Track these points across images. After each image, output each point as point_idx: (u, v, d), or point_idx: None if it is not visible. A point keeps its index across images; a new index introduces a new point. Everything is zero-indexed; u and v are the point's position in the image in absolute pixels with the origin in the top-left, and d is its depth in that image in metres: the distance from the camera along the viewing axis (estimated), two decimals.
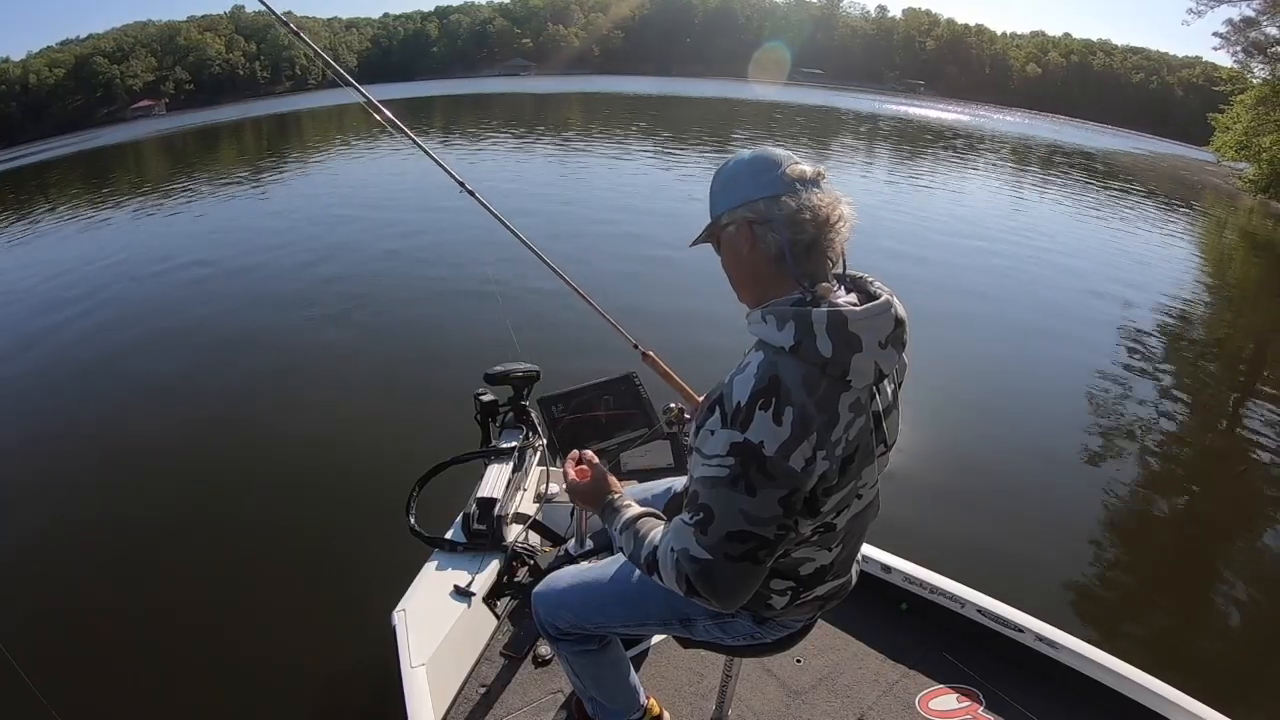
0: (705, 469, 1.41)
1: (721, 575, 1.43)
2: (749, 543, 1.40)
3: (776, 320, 1.40)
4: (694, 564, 1.43)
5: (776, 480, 1.35)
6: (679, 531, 1.48)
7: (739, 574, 1.44)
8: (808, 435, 1.35)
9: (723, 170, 1.55)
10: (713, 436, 1.39)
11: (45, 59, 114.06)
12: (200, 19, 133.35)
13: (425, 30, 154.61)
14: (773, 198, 1.43)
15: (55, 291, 10.54)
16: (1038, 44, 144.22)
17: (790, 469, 1.35)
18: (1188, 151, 60.16)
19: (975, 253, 12.44)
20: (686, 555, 1.44)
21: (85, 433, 6.11)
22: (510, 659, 2.74)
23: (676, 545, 1.47)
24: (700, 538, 1.42)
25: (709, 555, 1.41)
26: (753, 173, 1.48)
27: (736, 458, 1.35)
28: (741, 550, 1.40)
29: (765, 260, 1.47)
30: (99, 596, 4.14)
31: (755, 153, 1.51)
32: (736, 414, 1.36)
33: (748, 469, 1.35)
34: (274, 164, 25.60)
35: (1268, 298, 13.27)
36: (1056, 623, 2.57)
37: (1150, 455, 6.04)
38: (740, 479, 1.35)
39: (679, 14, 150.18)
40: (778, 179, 1.44)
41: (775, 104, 56.56)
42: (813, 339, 1.36)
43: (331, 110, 52.85)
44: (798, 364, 1.37)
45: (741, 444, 1.34)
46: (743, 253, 1.50)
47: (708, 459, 1.40)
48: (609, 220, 13.22)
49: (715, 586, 1.44)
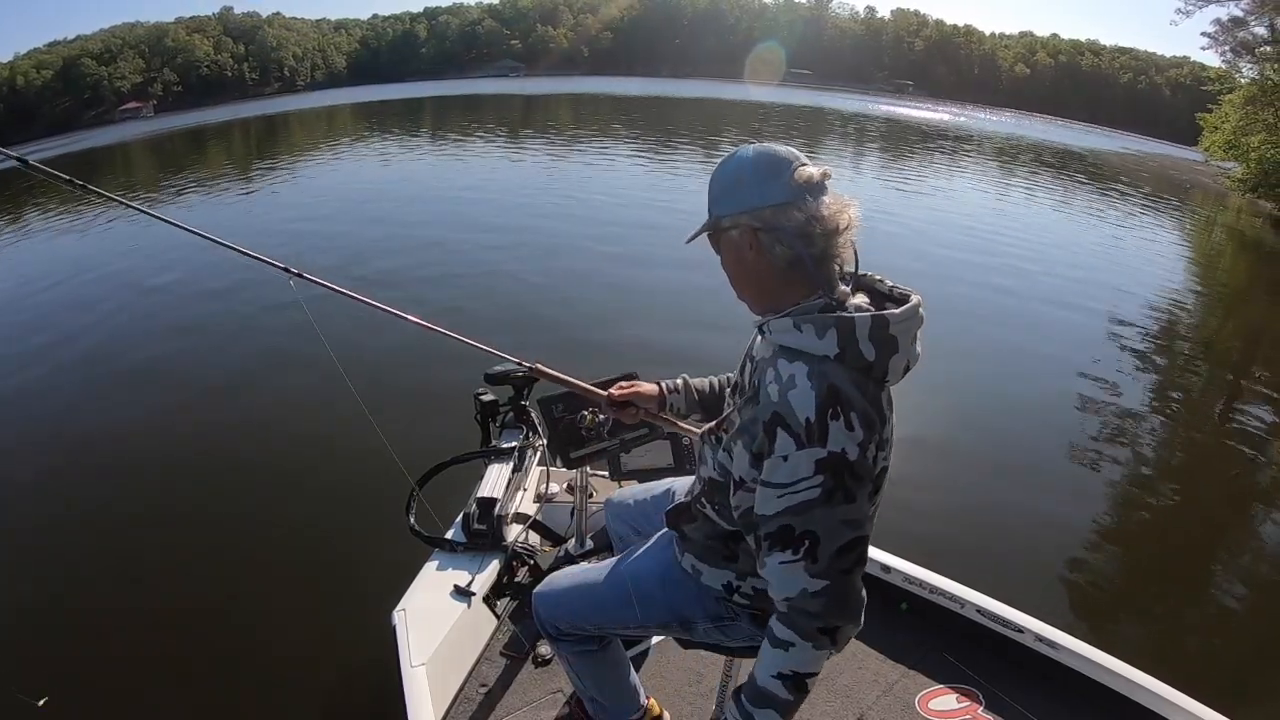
0: (792, 497, 1.36)
1: (842, 593, 1.39)
2: (856, 549, 1.38)
3: (815, 329, 1.37)
4: (816, 599, 1.38)
5: (864, 480, 1.36)
6: (782, 579, 1.42)
7: (854, 582, 1.41)
8: (873, 435, 1.35)
9: (726, 168, 1.48)
10: (787, 462, 1.35)
11: (33, 61, 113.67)
12: (188, 20, 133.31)
13: (414, 31, 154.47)
14: (780, 206, 1.38)
15: (56, 292, 10.49)
16: (1026, 44, 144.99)
17: (870, 466, 1.36)
18: (1176, 151, 60.53)
19: (965, 252, 12.42)
20: (805, 595, 1.39)
21: (84, 433, 6.06)
22: (510, 659, 2.73)
23: (790, 593, 1.41)
24: (811, 567, 1.37)
25: (826, 580, 1.37)
26: (758, 176, 1.41)
27: (827, 473, 1.32)
28: (852, 559, 1.38)
29: (771, 269, 1.44)
30: (98, 596, 4.11)
31: (760, 151, 1.43)
32: (810, 431, 1.32)
33: (841, 479, 1.33)
34: (267, 165, 25.48)
35: (1258, 295, 13.36)
36: (1056, 623, 2.58)
37: (1147, 453, 6.07)
38: (837, 490, 1.33)
39: (668, 15, 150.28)
40: (785, 185, 1.38)
41: (762, 104, 56.61)
42: (855, 345, 1.35)
43: (320, 112, 52.70)
44: (845, 370, 1.36)
45: (827, 458, 1.32)
46: (747, 259, 1.46)
47: (789, 486, 1.35)
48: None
49: (840, 608, 1.40)
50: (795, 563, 1.38)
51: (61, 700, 3.39)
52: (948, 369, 6.57)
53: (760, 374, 1.47)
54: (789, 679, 1.44)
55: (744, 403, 1.53)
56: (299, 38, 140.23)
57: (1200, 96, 36.28)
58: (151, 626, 3.82)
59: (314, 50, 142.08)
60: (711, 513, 1.69)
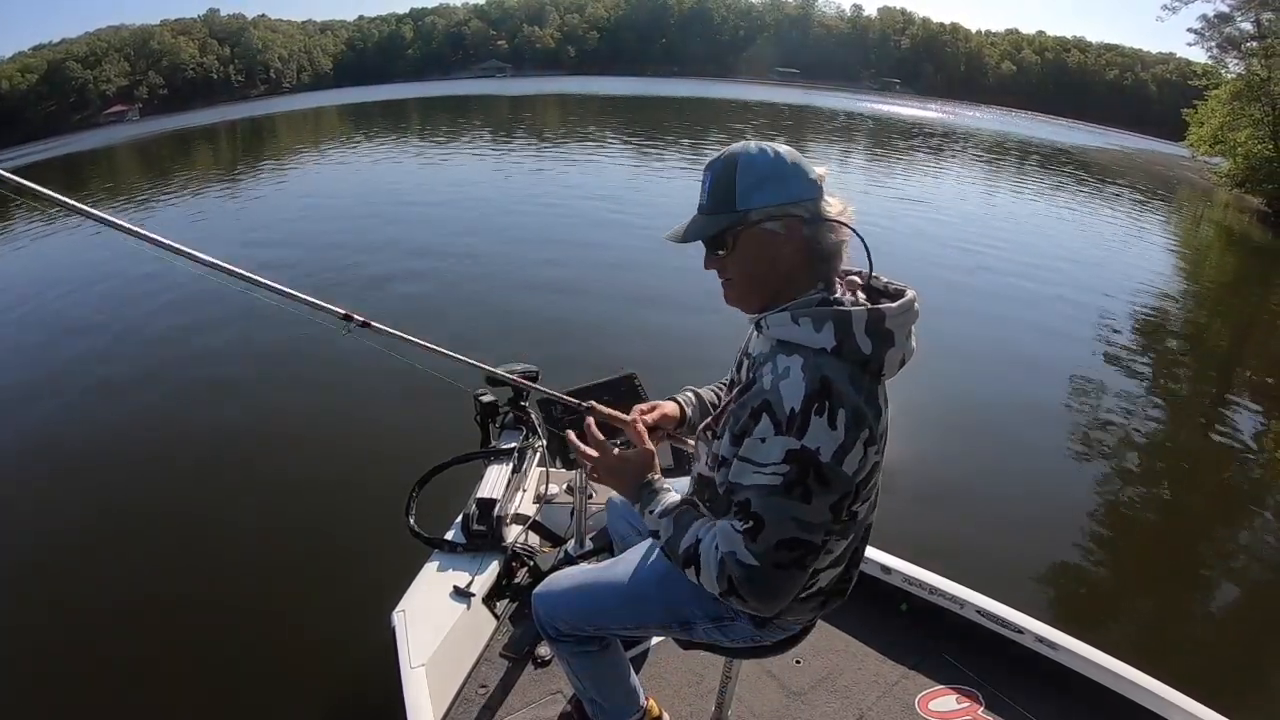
0: (758, 477, 1.39)
1: (766, 582, 1.41)
2: (798, 550, 1.39)
3: (813, 322, 1.40)
4: (741, 569, 1.41)
5: (831, 487, 1.36)
6: (726, 535, 1.45)
7: (785, 580, 1.42)
8: (861, 435, 1.37)
9: (756, 161, 1.46)
10: (764, 445, 1.38)
11: (18, 64, 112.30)
12: (173, 22, 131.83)
13: (400, 33, 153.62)
14: (816, 199, 1.45)
15: (52, 294, 10.47)
16: (1012, 41, 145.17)
17: (844, 474, 1.37)
18: (1162, 147, 60.69)
19: (952, 250, 12.48)
20: (734, 559, 1.42)
21: (83, 434, 6.06)
22: (510, 660, 2.73)
23: (724, 547, 1.44)
24: (750, 544, 1.39)
25: (756, 562, 1.39)
26: (797, 170, 1.46)
27: (794, 465, 1.35)
28: (790, 558, 1.39)
29: (803, 261, 1.47)
30: (98, 597, 4.10)
31: (786, 148, 1.48)
32: (791, 420, 1.35)
33: (805, 476, 1.35)
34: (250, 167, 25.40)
35: (1247, 290, 13.45)
36: (1056, 623, 2.58)
37: (1143, 451, 6.12)
38: (796, 485, 1.35)
39: (654, 14, 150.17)
40: (815, 182, 1.46)
41: (748, 103, 56.62)
42: (853, 338, 1.38)
43: (307, 114, 52.52)
44: (842, 364, 1.38)
45: (799, 451, 1.34)
46: (782, 252, 1.47)
47: (760, 467, 1.39)
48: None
49: (759, 592, 1.42)
50: (740, 534, 1.41)
51: (62, 700, 3.39)
52: (944, 370, 6.60)
53: (758, 369, 1.49)
54: (688, 553, 1.52)
55: (738, 394, 1.55)
56: (285, 39, 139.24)
57: (1186, 92, 36.27)
58: (152, 627, 3.83)
59: (300, 52, 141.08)
60: (705, 509, 1.68)
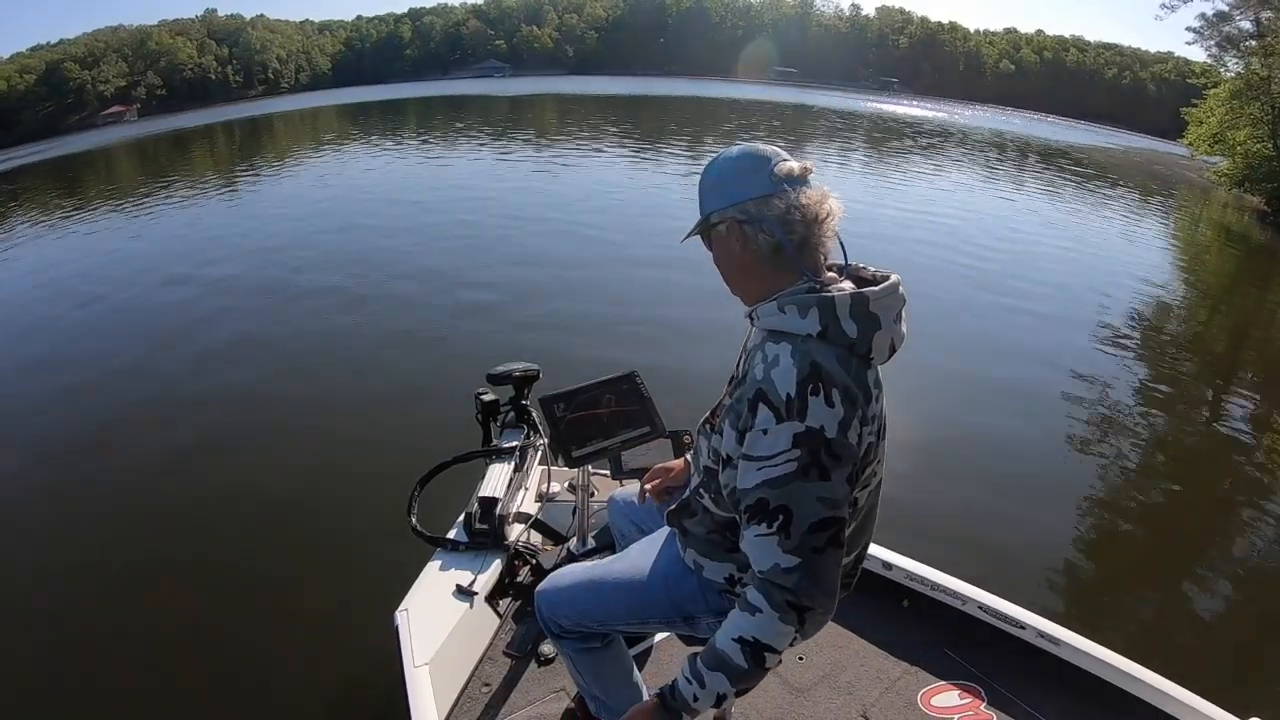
0: (769, 470, 1.39)
1: (815, 571, 1.40)
2: (831, 528, 1.39)
3: (798, 309, 1.43)
4: (789, 575, 1.40)
5: (842, 459, 1.38)
6: (758, 551, 1.44)
7: (829, 562, 1.41)
8: (855, 412, 1.39)
9: (712, 168, 1.57)
10: (766, 436, 1.39)
11: (16, 65, 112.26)
12: (172, 23, 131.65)
13: (398, 33, 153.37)
14: (762, 199, 1.47)
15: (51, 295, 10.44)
16: (1011, 41, 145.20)
17: (851, 445, 1.39)
18: (1161, 146, 60.76)
19: (948, 249, 12.41)
20: (778, 570, 1.40)
21: (82, 433, 6.04)
22: (513, 658, 2.73)
23: (763, 566, 1.43)
24: (784, 542, 1.39)
25: (798, 557, 1.39)
26: (740, 172, 1.51)
27: (803, 447, 1.36)
28: (825, 538, 1.39)
29: (756, 259, 1.51)
30: (98, 598, 4.09)
31: (743, 150, 1.54)
32: (789, 406, 1.36)
33: (817, 455, 1.36)
34: (247, 169, 25.38)
35: (1246, 289, 13.46)
36: (1058, 618, 2.58)
37: (1143, 446, 6.12)
38: (812, 466, 1.36)
39: (653, 14, 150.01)
40: (766, 179, 1.48)
41: (747, 102, 56.59)
42: (838, 322, 1.40)
43: (305, 114, 52.49)
44: (828, 347, 1.40)
45: (805, 432, 1.35)
46: (734, 251, 1.53)
47: (768, 459, 1.39)
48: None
49: (817, 586, 1.41)
50: (770, 536, 1.41)
51: (63, 701, 3.39)
52: (943, 365, 6.61)
53: (749, 360, 1.52)
54: (749, 646, 1.45)
55: (734, 387, 1.59)
56: (283, 40, 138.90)
57: (1185, 91, 36.34)
58: (152, 627, 3.83)
59: (298, 52, 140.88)
60: (709, 502, 1.70)
